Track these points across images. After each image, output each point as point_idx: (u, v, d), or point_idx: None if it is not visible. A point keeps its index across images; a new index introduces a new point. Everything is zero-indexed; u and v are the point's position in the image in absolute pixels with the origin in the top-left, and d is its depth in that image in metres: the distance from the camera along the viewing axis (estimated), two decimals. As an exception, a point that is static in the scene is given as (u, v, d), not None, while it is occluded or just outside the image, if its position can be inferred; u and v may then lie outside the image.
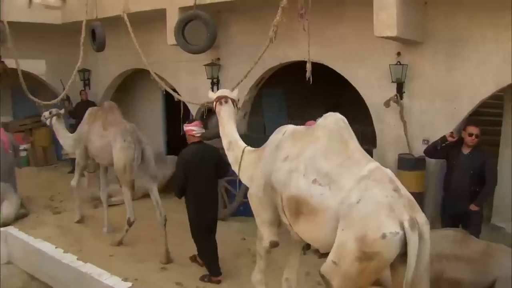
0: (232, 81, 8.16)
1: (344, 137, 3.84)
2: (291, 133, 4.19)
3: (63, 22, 10.78)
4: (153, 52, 9.79)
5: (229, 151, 4.87)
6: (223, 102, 5.06)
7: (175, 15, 8.02)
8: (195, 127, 5.90)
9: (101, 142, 7.15)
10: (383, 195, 3.35)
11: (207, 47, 7.52)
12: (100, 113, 7.54)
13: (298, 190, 3.76)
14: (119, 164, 6.81)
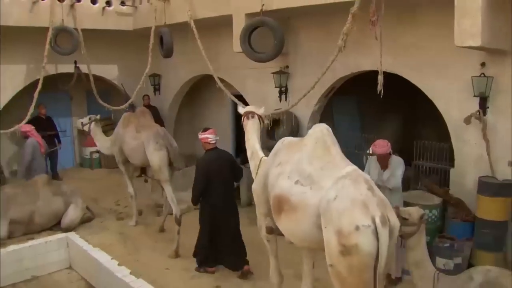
0: (301, 90, 7.93)
1: (327, 144, 4.23)
2: (287, 142, 4.75)
3: (134, 28, 10.89)
4: (221, 58, 9.64)
5: (251, 160, 5.43)
6: (250, 117, 5.59)
7: (241, 21, 7.76)
8: (210, 135, 6.22)
9: (134, 143, 7.65)
10: (357, 193, 3.70)
11: (274, 55, 7.17)
12: (133, 118, 8.07)
13: (281, 190, 4.23)
14: (154, 164, 7.32)
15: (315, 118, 8.49)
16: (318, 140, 4.28)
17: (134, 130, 7.77)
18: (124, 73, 12.00)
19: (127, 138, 7.82)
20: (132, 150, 7.73)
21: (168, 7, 9.36)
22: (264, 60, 7.33)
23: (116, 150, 8.17)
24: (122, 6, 10.75)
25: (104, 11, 10.50)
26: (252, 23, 7.24)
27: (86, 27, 10.26)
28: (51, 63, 10.54)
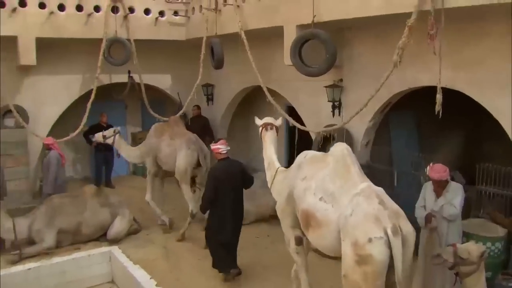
0: (355, 104, 7.53)
1: (347, 163, 4.64)
2: (311, 157, 5.14)
3: (187, 38, 10.82)
4: (273, 69, 9.35)
5: (267, 170, 5.83)
6: (268, 129, 6.02)
7: (292, 33, 7.43)
8: (221, 145, 6.51)
9: (169, 150, 8.35)
10: (370, 208, 4.09)
11: (326, 70, 6.78)
12: (166, 127, 8.81)
13: (308, 205, 4.66)
14: (181, 167, 8.10)
15: (369, 135, 8.01)
16: (339, 160, 4.70)
17: (168, 138, 8.47)
18: (177, 82, 11.97)
19: (163, 146, 8.46)
20: (167, 157, 8.39)
21: (220, 18, 9.19)
22: (315, 74, 6.95)
23: (150, 160, 8.72)
24: (175, 16, 10.69)
25: (157, 22, 10.49)
26: (302, 35, 6.89)
27: (139, 38, 10.30)
28: (105, 73, 10.69)
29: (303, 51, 7.15)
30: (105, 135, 8.96)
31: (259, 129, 6.13)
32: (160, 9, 10.54)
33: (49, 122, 10.55)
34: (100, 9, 9.86)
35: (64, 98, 10.68)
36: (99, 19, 9.80)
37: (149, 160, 8.74)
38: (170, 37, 10.72)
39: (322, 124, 8.39)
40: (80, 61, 10.56)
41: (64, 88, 10.63)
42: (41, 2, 9.31)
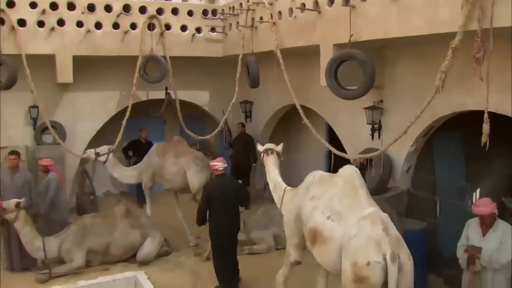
0: (396, 127, 7.10)
1: (356, 185, 4.88)
2: (319, 177, 5.42)
3: (224, 55, 10.63)
4: (311, 87, 8.98)
5: (274, 192, 6.22)
6: (269, 153, 6.48)
7: (329, 52, 7.05)
8: (218, 163, 6.84)
9: (175, 168, 8.61)
10: (373, 233, 4.31)
11: (363, 93, 6.34)
12: (169, 146, 9.04)
13: (315, 223, 4.92)
14: (195, 185, 8.41)
15: (411, 160, 7.49)
16: (348, 181, 4.95)
17: (173, 157, 8.72)
18: (215, 99, 11.79)
19: (168, 165, 8.72)
20: (173, 175, 8.67)
21: (256, 35, 8.93)
22: (351, 97, 6.53)
23: (148, 176, 8.95)
24: (212, 32, 10.53)
25: (193, 38, 10.36)
26: (338, 56, 6.49)
27: (175, 55, 10.20)
28: (142, 90, 10.67)
29: (339, 71, 6.74)
30: (98, 152, 8.89)
31: (261, 155, 6.64)
32: (197, 26, 10.42)
33: (86, 138, 10.61)
34: (137, 26, 9.84)
35: (101, 115, 10.71)
36: (135, 37, 9.77)
37: (146, 176, 8.97)
38: (207, 54, 10.57)
39: (360, 147, 7.96)
40: (117, 77, 10.58)
41: (101, 104, 10.67)
42: (79, 21, 9.37)
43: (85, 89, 10.42)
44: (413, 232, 6.61)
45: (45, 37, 9.14)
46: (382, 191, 7.27)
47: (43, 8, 9.08)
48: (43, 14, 9.06)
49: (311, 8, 7.26)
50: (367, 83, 6.19)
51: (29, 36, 9.09)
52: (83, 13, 9.36)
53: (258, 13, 8.82)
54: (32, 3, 9.06)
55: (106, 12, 9.59)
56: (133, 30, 9.84)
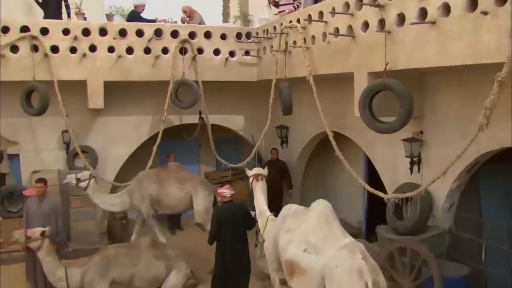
0: (438, 161, 6.67)
1: (329, 219, 5.22)
2: (294, 211, 5.76)
3: (258, 79, 10.31)
4: (348, 114, 8.49)
5: (259, 217, 6.63)
6: (259, 179, 6.95)
7: (363, 80, 6.58)
8: (226, 190, 7.16)
9: (181, 194, 8.72)
10: (354, 262, 4.67)
11: (399, 127, 5.80)
12: (167, 173, 8.97)
13: (292, 256, 5.20)
14: (201, 209, 8.60)
15: (453, 197, 6.85)
16: (321, 215, 5.29)
17: (177, 183, 8.79)
18: (251, 123, 11.46)
19: (172, 191, 8.75)
20: (178, 200, 8.75)
21: (290, 60, 8.55)
22: (386, 131, 6.00)
23: (147, 205, 8.86)
24: (246, 56, 10.22)
25: (227, 62, 10.08)
26: (372, 86, 5.99)
27: (208, 79, 9.98)
28: (175, 114, 10.50)
29: (375, 100, 6.24)
30: (79, 177, 8.67)
31: (250, 179, 7.03)
32: (230, 49, 10.15)
33: (118, 163, 10.53)
34: (168, 51, 9.68)
35: (133, 139, 10.61)
36: (167, 61, 9.62)
37: (145, 205, 8.89)
38: (240, 78, 10.28)
39: (399, 180, 7.41)
40: (149, 102, 10.46)
41: (133, 129, 10.57)
42: (110, 46, 9.31)
43: (117, 114, 10.35)
44: (456, 279, 6.02)
45: (76, 63, 9.13)
46: (420, 230, 6.70)
47: (76, 34, 9.07)
48: (75, 40, 9.05)
49: (345, 34, 6.82)
50: (403, 116, 5.66)
51: (61, 62, 9.10)
52: (115, 38, 9.29)
53: (292, 37, 8.46)
54: (65, 29, 9.08)
55: (138, 37, 9.49)
56: (165, 54, 9.68)
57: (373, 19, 6.30)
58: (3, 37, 8.80)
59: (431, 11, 5.36)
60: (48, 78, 8.98)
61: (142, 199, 8.85)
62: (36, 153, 10.06)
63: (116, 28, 9.35)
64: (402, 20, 5.84)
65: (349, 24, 6.80)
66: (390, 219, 7.04)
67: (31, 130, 9.99)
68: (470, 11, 4.87)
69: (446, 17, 5.18)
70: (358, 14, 6.63)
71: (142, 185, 8.90)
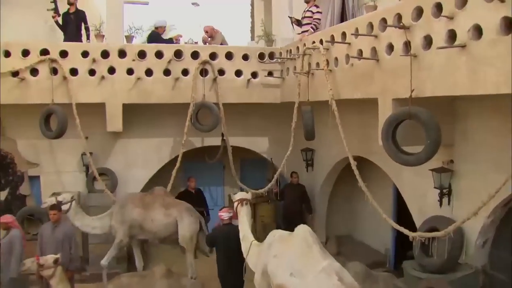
0: (469, 193, 6.18)
1: (309, 243, 5.49)
2: (279, 237, 5.95)
3: (282, 101, 9.96)
4: (374, 138, 7.99)
5: (243, 241, 6.67)
6: (244, 204, 6.95)
7: (388, 107, 6.13)
8: (224, 213, 7.38)
9: (167, 220, 8.53)
10: (330, 284, 5.02)
11: (425, 159, 5.33)
12: (152, 198, 8.77)
13: (281, 280, 5.49)
14: (187, 235, 8.49)
15: (487, 233, 6.27)
16: (302, 240, 5.52)
17: (163, 208, 8.59)
18: (275, 145, 11.08)
19: (157, 217, 8.54)
20: (162, 226, 8.55)
21: (313, 82, 8.17)
22: (411, 164, 5.52)
23: (125, 230, 8.55)
24: (269, 77, 9.88)
25: (249, 83, 9.77)
26: (397, 115, 5.53)
27: (229, 101, 9.70)
28: (197, 136, 10.27)
29: (400, 128, 5.78)
30: (60, 200, 8.30)
31: (234, 204, 7.03)
32: (253, 70, 9.84)
33: (138, 185, 10.33)
34: (188, 72, 9.45)
35: (154, 162, 10.42)
36: (187, 83, 9.39)
37: (123, 230, 8.57)
38: (263, 100, 9.96)
39: (427, 212, 6.90)
40: (170, 123, 10.26)
41: (154, 151, 10.39)
42: (129, 68, 9.16)
43: (137, 136, 10.20)
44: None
45: (95, 85, 9.03)
46: (450, 269, 6.16)
47: (94, 57, 8.97)
48: (94, 62, 8.95)
49: (368, 57, 6.40)
50: (430, 148, 5.19)
51: (80, 85, 9.02)
52: (134, 60, 9.14)
53: (315, 59, 8.09)
54: (84, 52, 8.99)
55: (157, 58, 9.31)
56: (185, 76, 9.47)
57: (398, 41, 5.89)
58: (23, 60, 8.77)
59: (460, 33, 4.91)
60: (67, 101, 8.90)
61: (121, 223, 8.56)
62: (57, 175, 10.01)
63: (135, 49, 9.20)
64: (429, 43, 5.40)
65: (373, 46, 6.40)
66: (417, 255, 6.53)
67: (52, 152, 9.94)
68: (504, 34, 4.40)
69: (477, 41, 4.71)
70: (382, 36, 6.23)
71: (125, 208, 8.63)
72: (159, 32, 10.12)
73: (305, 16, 9.15)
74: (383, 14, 6.24)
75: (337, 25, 8.06)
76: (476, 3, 4.69)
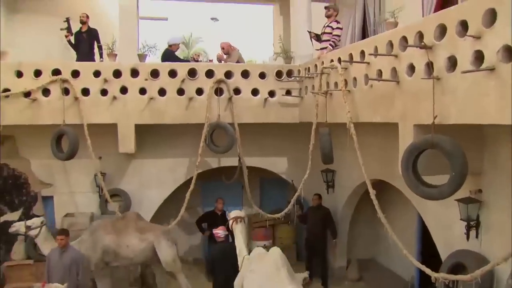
0: (499, 227, 5.74)
1: (279, 266, 6.01)
2: (257, 254, 6.64)
3: (300, 121, 9.54)
4: (397, 162, 7.52)
5: (239, 256, 7.01)
6: (238, 221, 7.26)
7: (409, 133, 5.66)
8: (220, 231, 7.71)
9: (143, 244, 8.35)
10: None
11: (450, 193, 4.81)
12: (124, 222, 8.52)
13: None
14: (169, 259, 8.40)
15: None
16: (273, 262, 6.05)
17: (137, 233, 8.39)
18: (294, 166, 10.62)
19: (132, 242, 8.33)
20: (138, 251, 8.35)
21: (331, 102, 7.75)
22: (434, 198, 5.03)
23: (98, 256, 8.25)
24: (287, 96, 9.47)
25: (266, 103, 9.38)
26: (418, 144, 5.05)
27: (245, 121, 9.35)
28: (213, 157, 9.94)
29: (422, 156, 5.30)
30: (29, 225, 8.00)
31: (230, 221, 7.35)
32: (270, 89, 9.45)
33: (153, 207, 10.11)
34: (203, 92, 9.14)
35: (169, 183, 10.13)
36: (202, 103, 9.07)
37: (95, 258, 8.22)
38: (281, 120, 9.55)
39: (453, 245, 6.38)
40: (185, 144, 9.96)
41: (169, 172, 10.11)
42: (142, 88, 8.91)
43: (152, 156, 9.95)
44: None
45: (107, 106, 8.81)
46: (480, 310, 5.60)
47: (106, 76, 8.76)
48: (105, 82, 8.73)
49: (388, 78, 5.95)
50: (455, 181, 4.70)
51: (92, 105, 8.82)
52: (146, 79, 8.88)
53: (333, 78, 7.67)
54: (96, 71, 8.79)
55: (170, 77, 9.02)
56: (199, 96, 9.15)
57: (419, 62, 5.43)
58: (35, 80, 8.64)
59: (489, 55, 4.42)
60: (78, 121, 8.70)
61: (93, 250, 8.21)
62: (70, 195, 9.84)
63: (148, 68, 8.95)
64: (454, 65, 4.92)
65: (393, 66, 5.94)
66: (443, 292, 6.00)
67: (65, 172, 9.77)
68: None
69: (508, 63, 4.22)
70: (403, 56, 5.78)
71: (96, 235, 8.33)
72: (173, 49, 9.85)
73: (325, 32, 8.77)
74: (403, 32, 5.80)
75: (355, 43, 7.63)
76: (506, 21, 4.20)
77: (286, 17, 11.66)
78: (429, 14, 7.26)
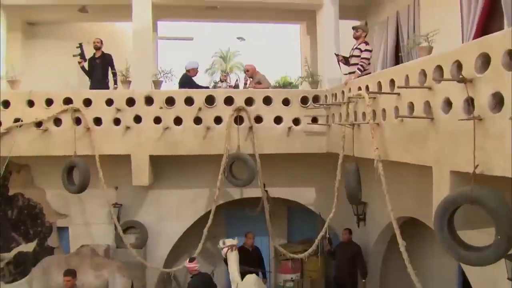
0: None
1: None
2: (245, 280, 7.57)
3: (328, 151, 8.79)
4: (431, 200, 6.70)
5: (232, 282, 7.86)
6: (233, 249, 7.98)
7: (445, 180, 4.81)
8: (195, 264, 7.82)
9: (98, 282, 7.98)
10: None
11: (495, 259, 3.92)
12: (79, 259, 8.16)
13: None
14: None
15: None
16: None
17: (92, 270, 8.06)
18: (322, 196, 9.84)
19: (87, 279, 7.93)
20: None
21: (358, 134, 6.98)
22: (474, 264, 4.22)
23: None
24: (313, 124, 8.75)
25: (290, 131, 8.67)
26: (454, 198, 4.22)
27: (268, 152, 8.69)
28: (234, 187, 9.29)
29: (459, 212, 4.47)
30: None
31: (224, 250, 7.94)
32: (294, 117, 8.76)
33: (171, 239, 9.61)
34: (222, 120, 8.53)
35: (188, 214, 9.59)
36: (220, 132, 8.47)
37: None
38: (306, 150, 8.83)
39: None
40: (205, 173, 9.41)
41: (189, 203, 9.57)
42: (156, 117, 8.40)
43: (170, 187, 9.43)
44: None
45: (120, 136, 8.35)
46: None
47: (119, 105, 8.30)
48: (118, 111, 8.27)
49: (422, 113, 5.16)
50: (501, 246, 3.87)
51: (104, 135, 8.41)
52: (161, 107, 8.37)
53: (360, 107, 6.92)
54: (109, 100, 8.35)
55: (187, 105, 8.47)
56: (218, 125, 8.55)
57: (457, 97, 4.60)
58: (47, 109, 8.29)
59: (544, 92, 3.62)
60: (90, 152, 8.28)
61: None
62: (86, 226, 9.47)
63: (163, 96, 8.44)
64: (500, 103, 4.08)
65: (426, 100, 5.14)
66: None
67: (81, 203, 9.40)
68: None
69: None
70: (437, 88, 4.97)
71: (48, 273, 7.90)
72: (191, 74, 9.30)
73: (353, 54, 8.02)
74: (438, 60, 4.98)
75: (384, 70, 6.85)
76: None
77: (313, 36, 10.97)
78: (470, 39, 6.41)
